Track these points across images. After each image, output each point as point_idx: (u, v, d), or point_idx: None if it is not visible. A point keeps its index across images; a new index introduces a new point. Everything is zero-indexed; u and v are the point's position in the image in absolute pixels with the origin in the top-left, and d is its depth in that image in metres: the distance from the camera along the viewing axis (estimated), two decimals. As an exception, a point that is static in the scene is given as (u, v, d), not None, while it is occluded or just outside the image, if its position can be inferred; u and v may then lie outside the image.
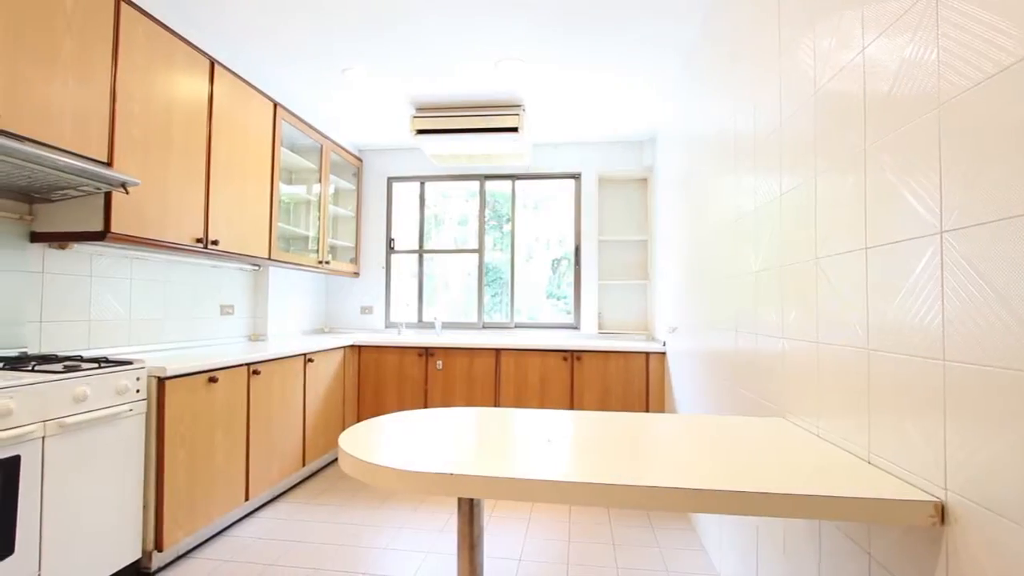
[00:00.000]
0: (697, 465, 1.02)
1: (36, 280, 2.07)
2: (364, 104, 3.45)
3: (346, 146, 4.12)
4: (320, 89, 3.21)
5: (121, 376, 1.86)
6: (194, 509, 2.16)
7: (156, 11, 2.26)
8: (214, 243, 2.56)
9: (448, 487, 0.95)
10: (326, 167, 3.73)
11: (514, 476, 0.94)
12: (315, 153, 3.72)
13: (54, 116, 1.80)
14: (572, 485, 0.92)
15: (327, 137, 3.76)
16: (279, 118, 3.15)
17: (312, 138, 3.57)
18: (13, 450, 1.51)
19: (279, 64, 2.88)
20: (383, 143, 4.28)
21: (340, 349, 3.49)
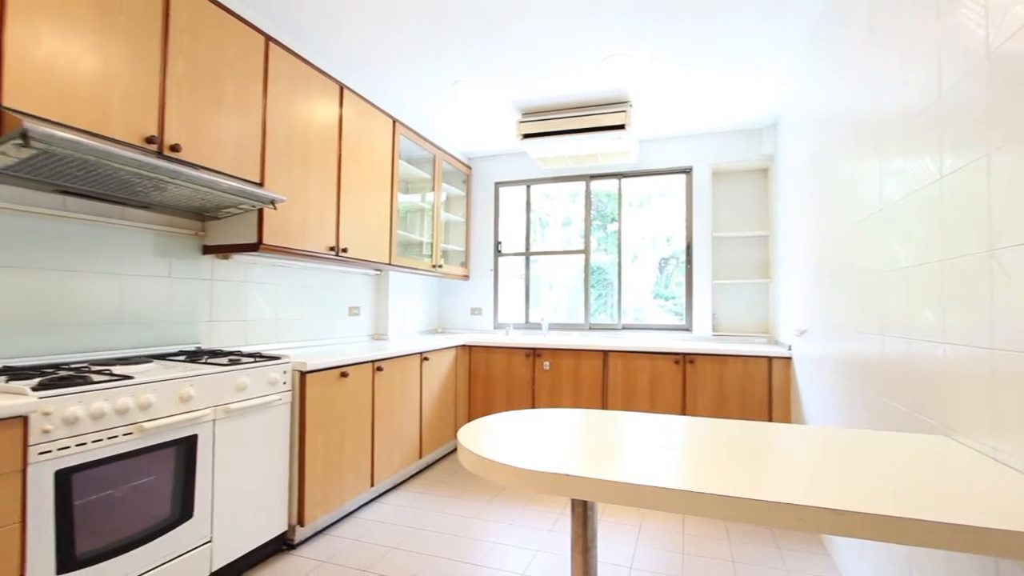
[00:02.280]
0: (838, 483, 0.92)
1: (207, 286, 2.44)
2: (472, 113, 3.59)
3: (456, 155, 4.32)
4: (432, 103, 3.41)
5: (272, 369, 2.12)
6: (329, 490, 2.40)
7: (293, 44, 2.55)
8: (344, 251, 2.84)
9: (563, 488, 0.95)
10: (439, 176, 3.94)
11: (631, 481, 0.91)
12: (428, 163, 3.95)
13: (220, 146, 2.11)
14: (693, 495, 0.88)
15: (439, 147, 3.97)
16: (397, 133, 3.39)
17: (426, 149, 3.80)
18: (192, 430, 1.79)
19: (396, 83, 3.10)
20: (490, 149, 4.42)
21: (452, 349, 3.66)
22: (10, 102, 1.46)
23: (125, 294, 2.08)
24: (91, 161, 1.56)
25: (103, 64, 1.69)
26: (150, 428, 1.62)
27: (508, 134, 4.01)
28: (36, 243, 1.80)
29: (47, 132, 1.40)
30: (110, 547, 1.53)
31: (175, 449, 1.73)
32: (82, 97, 1.63)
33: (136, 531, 1.60)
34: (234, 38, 2.17)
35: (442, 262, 4.05)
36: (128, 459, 1.58)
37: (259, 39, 2.30)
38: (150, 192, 1.89)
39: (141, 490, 1.62)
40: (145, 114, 1.82)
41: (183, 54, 1.95)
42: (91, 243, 1.96)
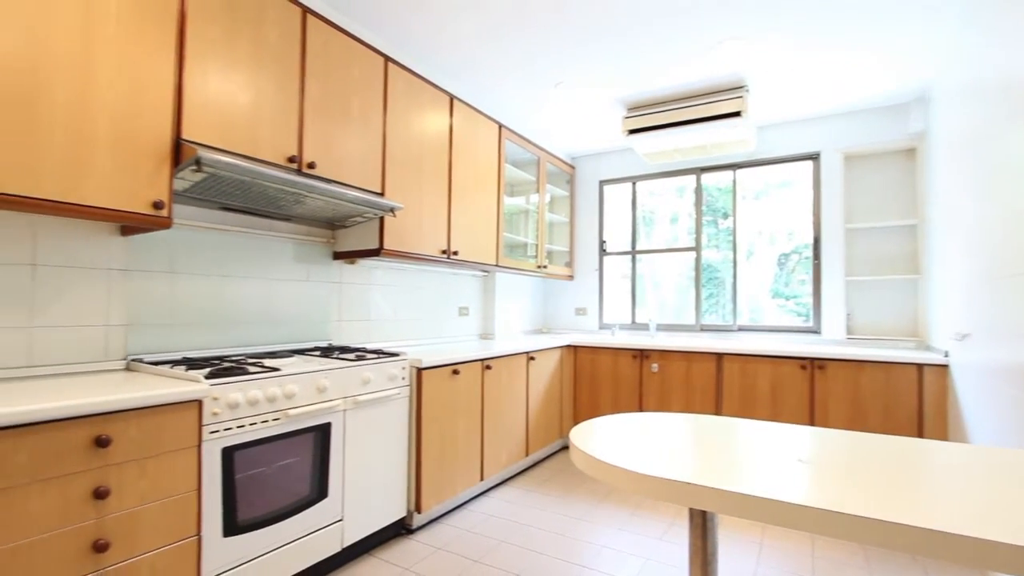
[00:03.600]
0: (1018, 513, 0.78)
1: (336, 289, 2.69)
2: (575, 113, 3.58)
3: (560, 155, 4.33)
4: (536, 105, 3.45)
5: (393, 365, 2.29)
6: (442, 481, 2.53)
7: (407, 61, 2.72)
8: (455, 253, 2.98)
9: (683, 496, 0.92)
10: (543, 177, 3.98)
11: (763, 495, 0.85)
12: (532, 165, 4.00)
13: (348, 161, 2.32)
14: (832, 515, 0.80)
15: (543, 149, 4.01)
16: (503, 137, 3.48)
17: (530, 151, 3.85)
18: (326, 418, 1.99)
19: (500, 89, 3.18)
20: (594, 148, 4.37)
21: (558, 349, 3.67)
22: (187, 135, 1.73)
23: (272, 296, 2.37)
24: (246, 181, 1.80)
25: (254, 95, 1.94)
26: (294, 415, 1.83)
27: (612, 131, 3.93)
28: (205, 253, 2.11)
29: (215, 158, 1.64)
30: (262, 517, 1.75)
31: (313, 435, 1.93)
32: (239, 126, 1.89)
33: (282, 505, 1.82)
34: (358, 61, 2.37)
35: (547, 262, 4.09)
36: (275, 441, 1.80)
37: (379, 60, 2.49)
38: (292, 205, 2.13)
39: (286, 469, 1.83)
40: (287, 136, 2.06)
41: (317, 80, 2.18)
42: (245, 252, 2.26)
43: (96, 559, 1.32)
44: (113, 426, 1.35)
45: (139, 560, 1.40)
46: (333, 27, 2.25)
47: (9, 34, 1.35)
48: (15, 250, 1.61)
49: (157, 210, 1.65)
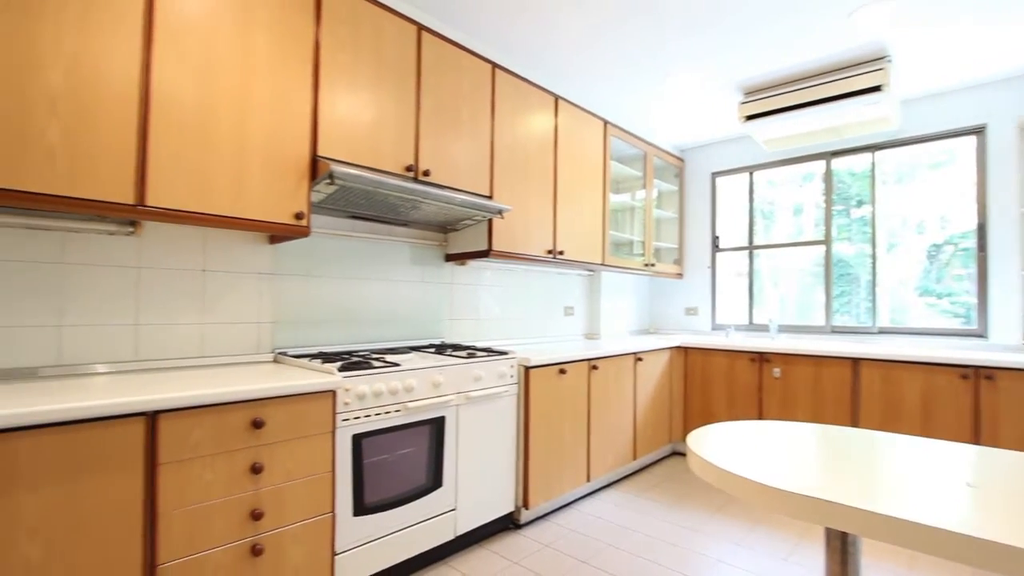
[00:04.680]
0: None
1: (448, 289, 2.83)
2: (686, 103, 3.41)
3: (667, 148, 4.16)
4: (643, 99, 3.34)
5: (502, 363, 2.35)
6: (549, 479, 2.55)
7: (512, 65, 2.78)
8: (560, 253, 2.99)
9: (819, 514, 0.83)
10: (650, 172, 3.85)
11: (917, 519, 0.75)
12: (639, 161, 3.89)
13: (459, 167, 2.43)
14: (1005, 549, 0.68)
15: (649, 143, 3.88)
16: (608, 134, 3.42)
17: (636, 147, 3.74)
18: (441, 412, 2.10)
19: (606, 86, 3.13)
20: (705, 138, 4.13)
21: (667, 350, 3.53)
22: (322, 152, 1.92)
23: (391, 296, 2.55)
24: (370, 190, 1.96)
25: (376, 111, 2.11)
26: (412, 407, 1.96)
27: (727, 119, 3.69)
28: (336, 258, 2.33)
29: (345, 171, 1.81)
30: (385, 501, 1.89)
31: (428, 427, 2.05)
32: (363, 140, 2.06)
33: (402, 491, 1.95)
34: (467, 70, 2.47)
35: (654, 260, 3.94)
36: (396, 432, 1.94)
37: (486, 67, 2.57)
38: (409, 211, 2.28)
39: (405, 459, 1.96)
40: (405, 147, 2.21)
41: (430, 93, 2.31)
42: (369, 256, 2.46)
43: (254, 525, 1.51)
44: (266, 410, 1.54)
45: (285, 530, 1.58)
46: (444, 40, 2.37)
47: (191, 79, 1.60)
48: (191, 257, 1.91)
49: (298, 220, 1.85)
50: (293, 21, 1.85)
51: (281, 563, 1.57)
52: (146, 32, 1.52)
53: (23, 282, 1.57)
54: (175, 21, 1.58)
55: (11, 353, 1.55)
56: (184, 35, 1.60)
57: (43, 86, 1.35)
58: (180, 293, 1.88)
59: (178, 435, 1.37)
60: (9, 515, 1.14)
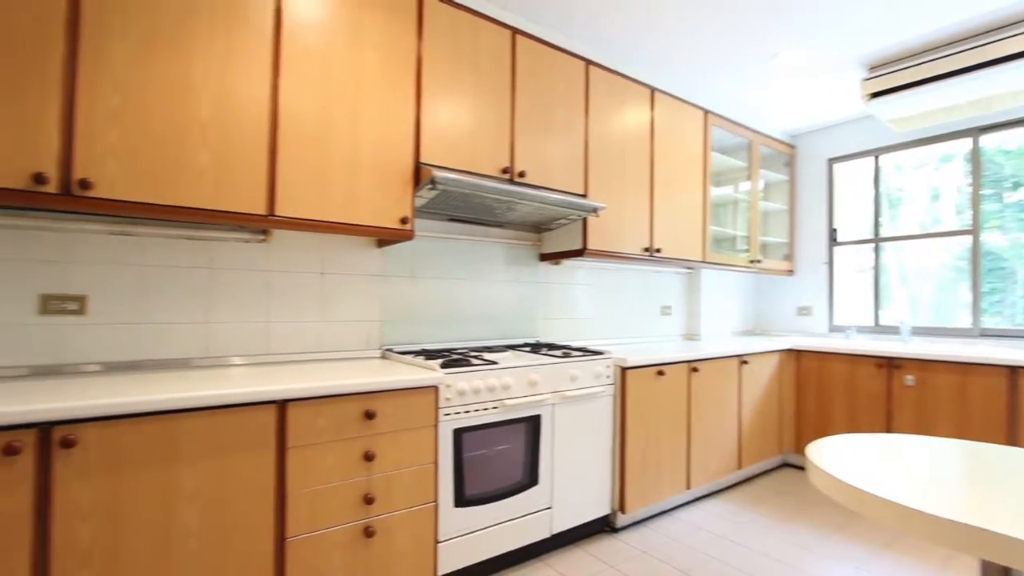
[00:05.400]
0: None
1: (542, 288, 2.85)
2: (796, 84, 3.13)
3: (775, 135, 3.85)
4: (747, 84, 3.12)
5: (598, 363, 2.33)
6: (646, 484, 2.47)
7: (606, 61, 2.72)
8: (657, 251, 2.89)
9: (976, 544, 0.73)
10: (755, 162, 3.60)
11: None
12: (743, 150, 3.65)
13: (553, 167, 2.43)
14: None
15: (755, 131, 3.62)
16: (709, 124, 3.25)
17: (740, 135, 3.51)
18: (536, 410, 2.12)
19: (706, 73, 2.97)
20: (819, 122, 3.77)
21: (775, 353, 3.28)
22: (424, 159, 2.02)
23: (487, 296, 2.62)
24: (469, 193, 2.03)
25: (473, 117, 2.17)
26: (509, 405, 2.00)
27: (846, 98, 3.34)
28: (436, 259, 2.44)
29: (446, 176, 1.89)
30: (484, 495, 1.95)
31: (524, 425, 2.07)
32: (461, 145, 2.13)
33: (499, 486, 1.99)
34: (560, 69, 2.47)
35: (760, 257, 3.68)
36: (494, 428, 1.98)
37: (580, 64, 2.55)
38: (505, 212, 2.33)
39: (502, 455, 2.01)
40: (500, 150, 2.25)
41: (524, 95, 2.34)
42: (466, 257, 2.55)
43: (366, 509, 1.63)
44: (377, 403, 1.65)
45: (393, 516, 1.69)
46: (537, 41, 2.39)
47: (311, 100, 1.76)
48: (311, 262, 2.09)
49: (403, 225, 1.97)
50: (398, 38, 1.97)
51: (390, 546, 1.68)
52: (274, 62, 1.70)
53: (180, 284, 1.82)
54: (298, 49, 1.74)
55: (171, 345, 1.80)
56: (305, 61, 1.76)
57: (195, 116, 1.56)
58: (302, 294, 2.07)
59: (303, 422, 1.52)
60: (173, 484, 1.33)
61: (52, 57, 1.36)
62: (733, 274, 3.99)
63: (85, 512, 1.22)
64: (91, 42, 1.41)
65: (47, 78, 1.36)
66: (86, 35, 1.41)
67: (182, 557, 1.34)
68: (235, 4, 1.63)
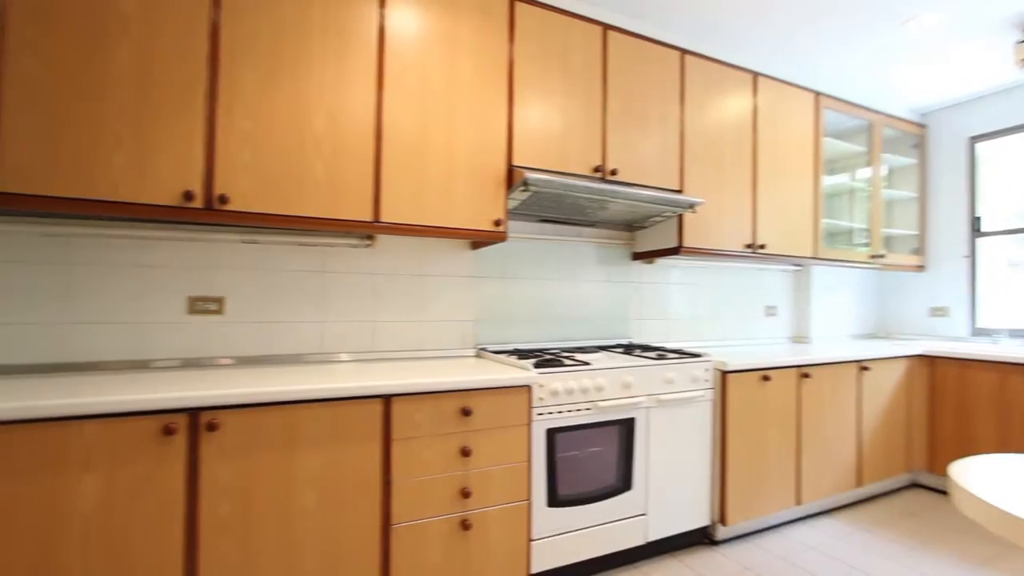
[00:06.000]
0: None
1: (635, 288, 2.77)
2: (930, 53, 2.77)
3: (902, 115, 3.44)
4: (869, 56, 2.81)
5: (695, 366, 2.22)
6: (750, 497, 2.32)
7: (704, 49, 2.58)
8: (761, 247, 2.70)
9: None
10: (876, 146, 3.23)
11: None
12: (862, 133, 3.29)
13: (646, 163, 2.36)
14: None
15: (877, 111, 3.25)
16: (820, 107, 2.97)
17: (857, 117, 3.18)
18: (630, 413, 2.07)
19: (818, 48, 2.71)
20: (958, 96, 3.31)
21: (902, 359, 2.93)
22: (516, 161, 2.05)
23: (578, 296, 2.60)
24: (560, 193, 2.02)
25: (564, 117, 2.17)
26: (603, 407, 1.97)
27: (993, 66, 2.90)
28: (528, 260, 2.47)
29: (538, 177, 1.91)
30: (576, 496, 1.94)
31: (617, 428, 2.03)
32: (552, 146, 2.14)
33: (592, 489, 1.97)
34: (654, 62, 2.39)
35: (883, 251, 3.30)
36: (586, 429, 1.97)
37: (674, 55, 2.45)
38: (596, 211, 2.30)
39: (595, 457, 1.98)
40: (592, 149, 2.23)
41: (616, 91, 2.29)
42: (557, 258, 2.55)
43: (463, 503, 1.69)
44: (473, 400, 1.71)
45: (488, 511, 1.73)
46: (629, 34, 2.32)
47: (410, 110, 1.86)
48: (410, 264, 2.21)
49: (497, 227, 2.01)
50: (490, 44, 2.01)
51: (485, 540, 1.72)
52: (378, 77, 1.81)
53: (298, 286, 2.01)
54: (399, 63, 1.84)
55: (290, 342, 1.99)
56: (405, 74, 1.86)
57: (312, 132, 1.71)
58: (403, 295, 2.19)
59: (406, 416, 1.61)
60: (295, 468, 1.46)
61: (197, 90, 1.56)
62: (850, 271, 3.62)
63: (225, 488, 1.38)
64: (227, 75, 1.60)
65: (194, 108, 1.56)
66: (223, 70, 1.59)
67: (302, 534, 1.47)
68: (344, 27, 1.76)
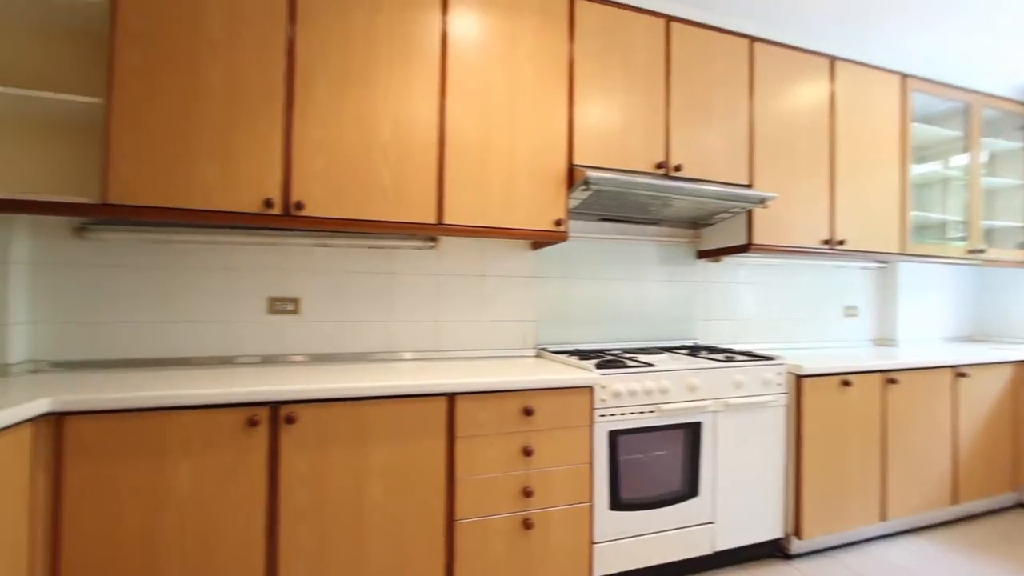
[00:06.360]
0: None
1: (700, 288, 2.68)
2: (1040, 28, 2.48)
3: (1005, 94, 3.10)
4: (964, 34, 2.56)
5: (766, 369, 2.11)
6: (828, 509, 2.18)
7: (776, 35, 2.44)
8: (840, 243, 2.52)
9: None
10: (975, 130, 2.94)
11: None
12: (957, 116, 3.01)
13: (712, 157, 2.27)
14: None
15: (974, 91, 2.95)
16: (907, 90, 2.74)
17: (952, 99, 2.90)
18: (696, 417, 1.99)
19: (906, 27, 2.50)
20: (1076, 70, 2.94)
21: (1008, 364, 2.64)
22: (577, 160, 2.04)
23: (640, 296, 2.54)
24: (622, 192, 1.99)
25: (625, 114, 2.12)
26: (667, 410, 1.91)
27: (1120, 36, 2.55)
28: (588, 260, 2.44)
29: (599, 176, 1.88)
30: (640, 500, 1.89)
31: (683, 432, 1.97)
32: (614, 144, 2.10)
33: (656, 494, 1.92)
34: (719, 53, 2.29)
35: (983, 245, 2.99)
36: (650, 432, 1.92)
37: (742, 43, 2.34)
38: (659, 209, 2.24)
39: (659, 461, 1.93)
40: (654, 145, 2.17)
41: (680, 84, 2.22)
42: (618, 257, 2.50)
43: (525, 502, 1.70)
44: (535, 400, 1.71)
45: (551, 512, 1.73)
46: (693, 25, 2.24)
47: (472, 113, 1.90)
48: (472, 265, 2.25)
49: (558, 227, 2.01)
50: (550, 44, 2.01)
51: (547, 540, 1.72)
52: (441, 82, 1.86)
53: (366, 288, 2.09)
54: (460, 68, 1.88)
55: (358, 341, 2.08)
56: (467, 78, 1.89)
57: (379, 140, 1.78)
58: (465, 295, 2.23)
59: (469, 414, 1.63)
60: (364, 461, 1.53)
61: (276, 103, 1.66)
62: (943, 268, 3.31)
63: (302, 478, 1.47)
64: (302, 87, 1.69)
65: (273, 121, 1.66)
66: (298, 82, 1.69)
67: (371, 525, 1.53)
68: (409, 36, 1.82)
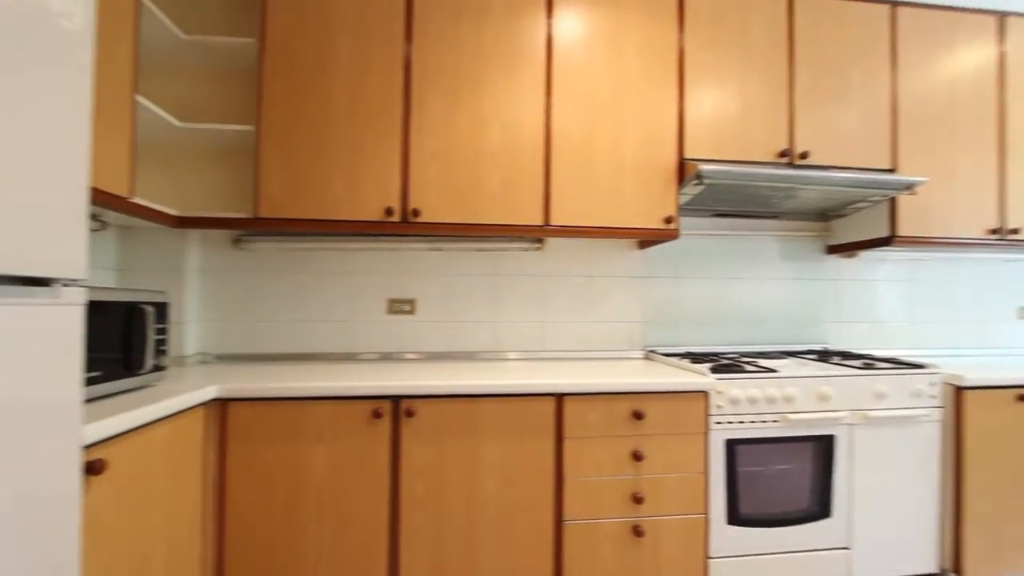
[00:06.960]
0: None
1: (830, 287, 2.42)
2: None
3: None
4: None
5: (916, 379, 1.85)
6: (999, 544, 1.85)
7: (927, -3, 2.14)
8: (1013, 232, 2.14)
9: None
10: None
11: None
12: None
13: (845, 141, 2.05)
14: None
15: None
16: (1107, 45, 2.25)
17: None
18: (829, 429, 1.80)
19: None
20: None
21: None
22: (688, 154, 1.94)
23: (759, 296, 2.36)
24: (738, 184, 1.86)
25: (742, 102, 1.99)
26: (793, 420, 1.75)
27: None
28: (701, 258, 2.32)
29: (713, 169, 1.78)
30: (762, 517, 1.75)
31: (812, 445, 1.79)
32: (729, 134, 1.97)
33: (780, 511, 1.76)
34: (853, 23, 2.06)
35: None
36: (773, 444, 1.77)
37: (882, 9, 2.08)
38: (782, 201, 2.06)
39: (784, 475, 1.77)
40: (777, 132, 2.01)
41: (806, 62, 2.03)
42: (734, 254, 2.35)
43: (634, 508, 1.65)
44: (645, 404, 1.66)
45: (662, 520, 1.66)
46: (822, -3, 2.04)
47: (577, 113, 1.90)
48: (578, 266, 2.24)
49: (667, 224, 1.93)
50: (657, 37, 1.94)
51: (658, 550, 1.66)
52: (547, 86, 1.88)
53: (475, 289, 2.17)
54: (566, 69, 1.88)
55: (467, 340, 2.16)
56: (572, 78, 1.89)
57: (487, 146, 1.84)
58: (571, 296, 2.23)
59: (578, 415, 1.63)
60: (478, 456, 1.58)
61: (395, 118, 1.79)
62: None
63: (420, 468, 1.56)
64: (418, 102, 1.80)
65: (392, 134, 1.79)
66: (414, 97, 1.80)
67: (483, 518, 1.58)
68: (516, 44, 1.86)
